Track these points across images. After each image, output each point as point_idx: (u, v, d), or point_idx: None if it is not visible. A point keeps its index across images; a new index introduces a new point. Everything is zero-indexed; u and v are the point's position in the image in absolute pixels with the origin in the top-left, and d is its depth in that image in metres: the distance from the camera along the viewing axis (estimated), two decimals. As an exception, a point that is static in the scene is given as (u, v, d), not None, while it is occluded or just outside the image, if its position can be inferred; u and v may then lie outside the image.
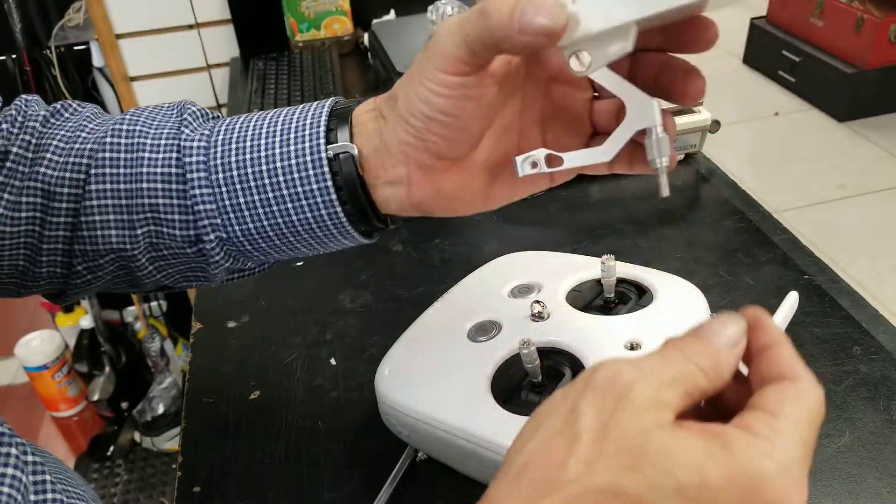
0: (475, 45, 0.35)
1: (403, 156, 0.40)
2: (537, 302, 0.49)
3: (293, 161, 0.41)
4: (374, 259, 0.69)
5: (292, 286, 0.68)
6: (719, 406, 0.30)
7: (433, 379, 0.48)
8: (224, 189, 0.42)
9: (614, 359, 0.28)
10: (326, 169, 0.41)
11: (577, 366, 0.46)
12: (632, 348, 0.46)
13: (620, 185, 0.79)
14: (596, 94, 0.41)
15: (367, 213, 0.42)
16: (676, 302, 0.50)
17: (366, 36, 1.31)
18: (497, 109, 0.40)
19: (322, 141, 0.41)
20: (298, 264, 0.69)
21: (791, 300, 0.49)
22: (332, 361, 0.60)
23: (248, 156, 0.42)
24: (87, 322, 1.64)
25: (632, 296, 0.52)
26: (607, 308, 0.51)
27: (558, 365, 0.46)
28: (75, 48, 1.52)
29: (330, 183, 0.41)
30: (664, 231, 0.72)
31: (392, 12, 1.38)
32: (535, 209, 0.76)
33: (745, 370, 0.30)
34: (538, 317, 0.49)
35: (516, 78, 0.40)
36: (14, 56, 1.48)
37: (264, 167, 0.41)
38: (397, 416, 0.48)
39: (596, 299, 0.52)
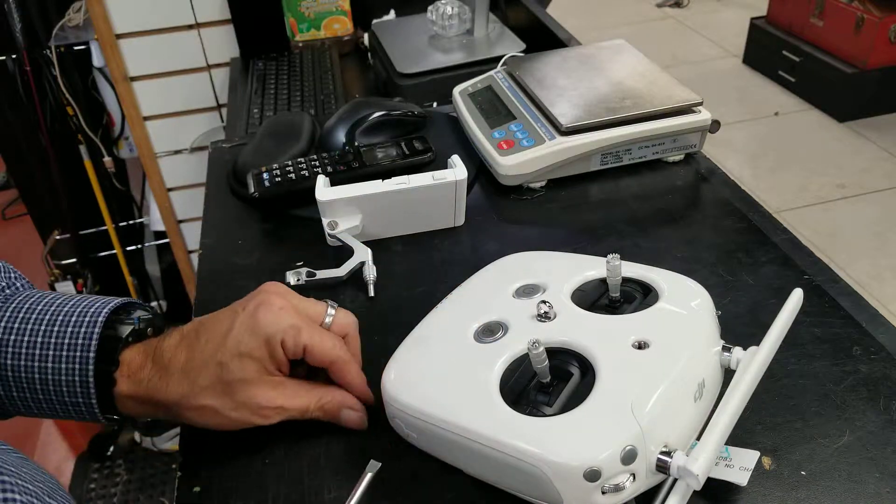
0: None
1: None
2: (544, 302, 0.49)
3: (63, 365, 0.48)
4: (374, 259, 0.69)
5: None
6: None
7: (441, 381, 0.48)
8: None
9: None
10: (91, 381, 0.48)
11: (585, 365, 0.46)
12: (640, 347, 0.45)
13: (620, 185, 0.79)
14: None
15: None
16: (682, 300, 0.50)
17: (366, 36, 1.31)
18: None
19: (92, 355, 0.47)
20: (298, 264, 0.69)
21: (795, 298, 0.49)
22: (333, 361, 0.60)
23: (29, 329, 0.48)
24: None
25: (637, 295, 0.52)
26: (613, 307, 0.51)
27: (566, 365, 0.46)
28: (75, 48, 1.52)
29: (94, 395, 0.48)
30: (664, 231, 0.72)
31: (392, 12, 1.38)
32: (535, 209, 0.76)
33: None
34: (545, 317, 0.49)
35: None
36: (14, 56, 1.49)
37: (37, 350, 0.48)
38: (406, 420, 0.48)
39: (601, 298, 0.52)
